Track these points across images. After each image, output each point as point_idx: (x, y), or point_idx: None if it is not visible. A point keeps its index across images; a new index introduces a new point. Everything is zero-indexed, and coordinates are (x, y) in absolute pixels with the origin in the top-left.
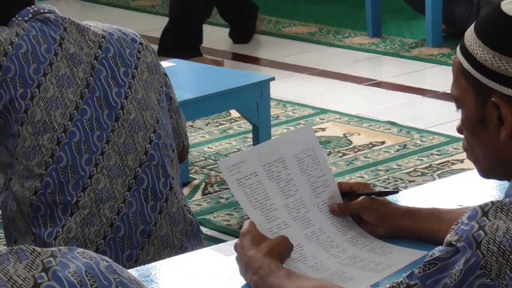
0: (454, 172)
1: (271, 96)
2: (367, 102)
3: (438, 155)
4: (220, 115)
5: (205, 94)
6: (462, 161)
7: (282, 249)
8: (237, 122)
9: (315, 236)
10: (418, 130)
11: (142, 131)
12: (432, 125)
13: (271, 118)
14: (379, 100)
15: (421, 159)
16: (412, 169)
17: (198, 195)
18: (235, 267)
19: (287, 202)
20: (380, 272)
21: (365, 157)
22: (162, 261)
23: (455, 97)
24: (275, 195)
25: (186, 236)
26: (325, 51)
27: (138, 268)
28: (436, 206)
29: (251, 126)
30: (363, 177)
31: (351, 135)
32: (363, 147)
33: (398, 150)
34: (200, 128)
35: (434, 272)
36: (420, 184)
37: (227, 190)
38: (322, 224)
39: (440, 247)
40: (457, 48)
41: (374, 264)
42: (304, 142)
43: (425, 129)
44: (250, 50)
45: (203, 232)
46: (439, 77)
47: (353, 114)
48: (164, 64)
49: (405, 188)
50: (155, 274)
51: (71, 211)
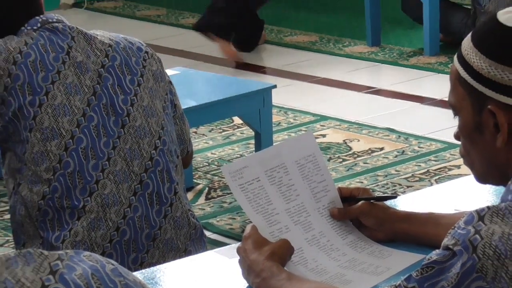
0: (451, 177)
1: (273, 103)
2: (367, 109)
3: (436, 161)
4: (223, 122)
5: (209, 101)
6: (459, 166)
7: (283, 253)
8: (240, 129)
9: (316, 239)
10: (416, 137)
11: (147, 137)
12: (429, 131)
13: (273, 125)
14: (378, 107)
15: (419, 165)
16: (410, 174)
17: (202, 199)
18: (238, 270)
19: (289, 206)
20: (379, 275)
21: (364, 163)
22: (166, 264)
23: (452, 104)
24: (276, 200)
25: (190, 240)
26: (326, 60)
27: (143, 271)
28: (433, 211)
29: (253, 133)
30: (362, 182)
31: (351, 141)
32: (363, 153)
33: (396, 156)
34: (203, 135)
35: (432, 275)
36: (418, 189)
37: (230, 195)
38: (322, 228)
39: (437, 250)
40: (455, 57)
41: (373, 267)
42: (305, 148)
43: (423, 136)
44: (253, 58)
45: (207, 235)
46: (437, 85)
47: (352, 121)
48: (168, 72)
49: (403, 193)
50: (159, 277)
51: (78, 215)
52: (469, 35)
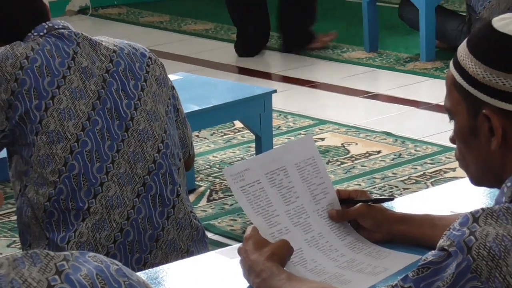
0: (446, 180)
1: (273, 108)
2: (364, 114)
3: (431, 164)
4: (224, 126)
5: (210, 106)
6: (454, 169)
7: (283, 253)
8: (241, 132)
9: (315, 241)
10: (412, 140)
11: (150, 141)
12: (425, 135)
13: (273, 129)
14: (376, 111)
15: (415, 168)
16: (406, 177)
17: (204, 201)
18: (239, 270)
19: (288, 208)
20: (377, 275)
21: (362, 166)
22: (169, 264)
23: (448, 109)
24: (277, 202)
25: (192, 241)
26: (324, 65)
27: (146, 271)
28: (429, 213)
29: (254, 136)
30: (360, 185)
31: (349, 144)
32: (360, 156)
33: (393, 159)
34: (205, 138)
35: (427, 275)
36: (414, 192)
37: (231, 197)
38: (321, 229)
39: (433, 251)
40: (450, 62)
41: (371, 267)
42: (304, 152)
43: (419, 139)
44: (253, 64)
45: (208, 237)
46: (433, 90)
47: (350, 125)
48: (171, 77)
49: (400, 195)
50: (162, 277)
51: (83, 217)
52: (465, 41)
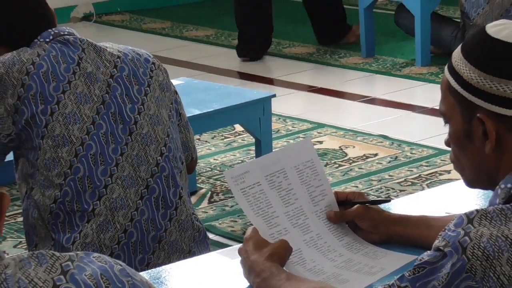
0: (441, 182)
1: (272, 112)
2: (361, 117)
3: (427, 166)
4: (225, 129)
5: (211, 110)
6: (449, 172)
7: (282, 253)
8: (241, 136)
9: (314, 241)
10: (408, 143)
11: (153, 144)
12: (421, 138)
13: (273, 132)
14: (372, 115)
15: (411, 170)
16: (403, 179)
17: (205, 203)
18: (239, 270)
19: (288, 210)
20: (374, 275)
21: (359, 168)
22: (171, 264)
23: (443, 113)
24: (276, 204)
25: (194, 242)
26: (322, 70)
27: (149, 271)
28: (425, 214)
29: (254, 140)
30: (357, 187)
31: (347, 147)
32: (358, 159)
33: (390, 162)
34: (206, 141)
35: (423, 275)
36: (410, 193)
37: (231, 199)
38: (320, 230)
39: (428, 251)
40: (445, 67)
41: (368, 267)
42: (303, 155)
43: (415, 142)
44: (253, 69)
45: (210, 237)
46: (428, 94)
47: (348, 128)
48: (173, 82)
49: (397, 197)
50: (165, 277)
51: (87, 218)
52: (459, 47)
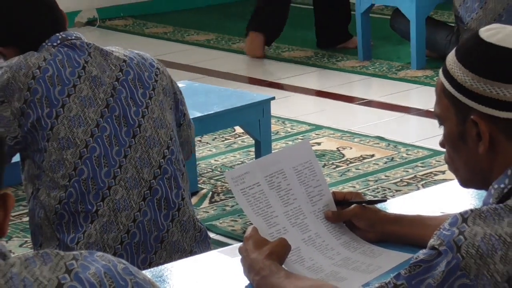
0: (436, 182)
1: (271, 114)
2: (358, 119)
3: (422, 167)
4: (225, 131)
5: (212, 112)
6: (444, 172)
7: (281, 251)
8: (241, 137)
9: (312, 240)
10: (404, 145)
11: (157, 147)
12: (416, 140)
13: (272, 134)
14: (369, 117)
15: (407, 171)
16: (399, 179)
17: (206, 203)
18: (239, 268)
19: (287, 209)
20: (371, 273)
21: (356, 169)
22: (173, 263)
23: (438, 115)
24: (275, 203)
25: (195, 242)
26: (320, 73)
27: (151, 269)
28: (420, 213)
29: (253, 141)
30: (354, 187)
31: (344, 149)
32: (355, 160)
33: (386, 163)
34: (207, 143)
35: (419, 273)
36: (406, 193)
37: (232, 199)
38: (318, 229)
39: (424, 250)
40: (440, 70)
41: (365, 265)
42: (302, 156)
43: (410, 144)
44: (253, 72)
45: (210, 236)
46: (423, 97)
47: (345, 130)
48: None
49: (393, 197)
50: (167, 275)
51: (91, 219)
52: (453, 51)
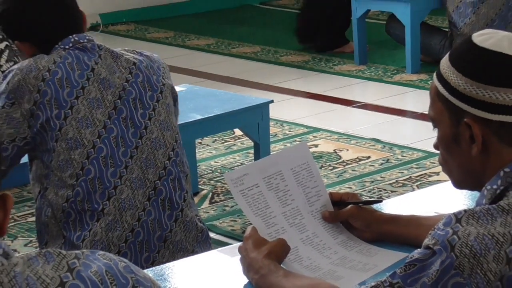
0: (431, 183)
1: (270, 117)
2: (355, 122)
3: (417, 168)
4: (225, 134)
5: (212, 115)
6: (438, 173)
7: (279, 251)
8: (240, 140)
9: (310, 240)
10: (399, 147)
11: (162, 149)
12: (411, 142)
13: (270, 136)
14: (365, 120)
15: (402, 172)
16: (394, 180)
17: (206, 203)
18: (239, 267)
19: (285, 210)
20: (367, 272)
21: (352, 170)
22: (174, 262)
23: (432, 117)
24: (274, 204)
25: (197, 242)
26: (318, 77)
27: (153, 268)
28: (415, 214)
29: (252, 143)
30: (351, 188)
31: (341, 151)
32: (351, 162)
33: (381, 164)
34: (207, 145)
35: (414, 272)
36: (401, 194)
37: (231, 200)
38: (315, 229)
39: (419, 249)
40: (434, 74)
41: (362, 264)
42: (299, 157)
43: (406, 146)
44: (252, 76)
45: (211, 237)
46: (418, 100)
47: (342, 132)
48: (176, 89)
49: (388, 197)
50: (168, 274)
51: (97, 217)
52: (447, 55)
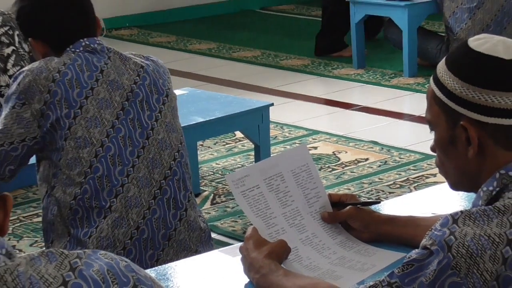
0: (428, 184)
1: (270, 119)
2: (353, 125)
3: (414, 170)
4: (226, 136)
5: (214, 117)
6: (435, 175)
7: (280, 252)
8: (241, 142)
9: (309, 240)
10: (397, 149)
11: (168, 150)
12: (409, 144)
13: (271, 138)
14: (363, 122)
15: (400, 174)
16: (392, 182)
17: (208, 204)
18: (240, 267)
19: (285, 211)
20: (365, 271)
21: (351, 172)
22: (176, 262)
23: (429, 120)
24: (274, 205)
25: (200, 242)
26: (317, 81)
27: (156, 268)
28: (413, 214)
29: (253, 145)
30: (349, 189)
31: (339, 153)
32: (350, 163)
33: (379, 166)
34: (209, 147)
35: (411, 271)
36: (399, 195)
37: (232, 201)
38: (315, 230)
39: (416, 250)
40: (431, 78)
41: (360, 264)
42: (299, 159)
43: (403, 148)
44: (253, 79)
45: (212, 237)
46: (415, 103)
47: (341, 135)
48: (178, 92)
49: (386, 198)
50: (170, 273)
51: (104, 214)
52: (444, 59)
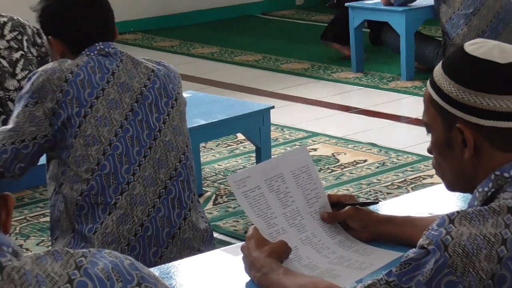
0: (425, 185)
1: (271, 122)
2: (352, 127)
3: (412, 171)
4: (228, 138)
5: (216, 120)
6: (432, 176)
7: (281, 251)
8: (243, 144)
9: (309, 240)
10: (395, 150)
11: (174, 151)
12: (406, 146)
13: (271, 140)
14: (362, 125)
15: (397, 175)
16: (389, 183)
17: (210, 205)
18: (241, 265)
19: (285, 211)
20: (364, 270)
21: (350, 173)
22: (179, 261)
23: (426, 123)
24: (275, 205)
25: (202, 242)
26: (317, 84)
27: (159, 266)
28: (410, 215)
29: (254, 147)
30: (348, 190)
31: (338, 154)
32: (349, 165)
33: (378, 167)
34: (211, 149)
35: (409, 270)
36: (396, 196)
37: (234, 201)
38: (314, 229)
39: (414, 249)
40: (428, 82)
41: (359, 263)
42: (299, 161)
43: (401, 150)
44: (254, 83)
45: (214, 237)
46: (412, 106)
47: (340, 137)
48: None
49: (384, 199)
50: (174, 272)
51: (109, 211)
52: (440, 63)
